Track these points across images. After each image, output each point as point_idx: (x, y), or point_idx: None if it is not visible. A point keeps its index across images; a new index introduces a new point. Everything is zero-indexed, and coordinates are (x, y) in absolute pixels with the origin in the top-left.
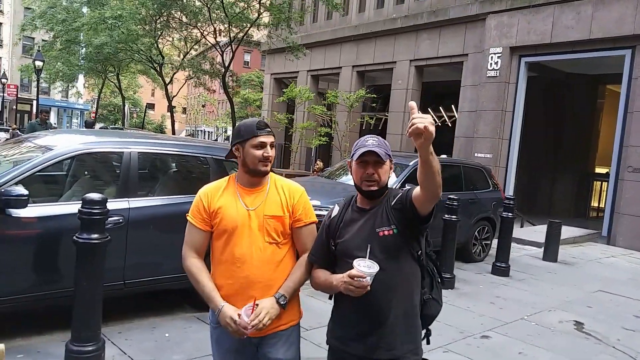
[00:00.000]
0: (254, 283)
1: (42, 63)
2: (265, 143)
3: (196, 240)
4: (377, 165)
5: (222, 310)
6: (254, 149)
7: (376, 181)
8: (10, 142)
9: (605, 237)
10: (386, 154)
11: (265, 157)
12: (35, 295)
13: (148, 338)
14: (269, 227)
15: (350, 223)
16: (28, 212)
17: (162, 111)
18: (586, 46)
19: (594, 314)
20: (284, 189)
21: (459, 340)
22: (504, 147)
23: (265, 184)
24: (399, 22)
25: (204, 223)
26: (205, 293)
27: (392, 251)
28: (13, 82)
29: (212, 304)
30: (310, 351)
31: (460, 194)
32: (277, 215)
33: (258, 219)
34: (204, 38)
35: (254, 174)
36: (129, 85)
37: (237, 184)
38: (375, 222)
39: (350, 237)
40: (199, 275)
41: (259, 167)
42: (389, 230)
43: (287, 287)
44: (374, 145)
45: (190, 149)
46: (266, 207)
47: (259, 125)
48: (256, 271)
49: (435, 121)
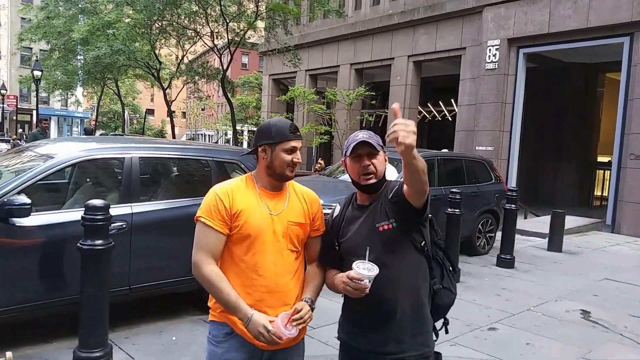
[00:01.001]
0: (274, 293)
1: (40, 73)
2: (297, 148)
3: (213, 244)
4: (371, 157)
5: (253, 319)
6: (284, 153)
7: (373, 173)
8: (12, 152)
9: (610, 226)
10: (379, 144)
11: (294, 163)
12: (41, 304)
13: (155, 342)
14: (292, 235)
15: (351, 221)
16: (31, 221)
17: (162, 116)
18: (584, 35)
19: (600, 302)
20: (304, 196)
21: (467, 333)
22: (505, 139)
23: (286, 189)
24: (396, 18)
25: (224, 225)
26: (231, 302)
27: (394, 245)
28: (12, 92)
29: (240, 313)
30: (318, 349)
31: (462, 187)
32: (301, 222)
33: (282, 225)
34: (201, 40)
35: (279, 178)
36: (127, 91)
37: (258, 186)
38: (374, 218)
39: (352, 236)
40: (221, 283)
41: (286, 171)
42: (388, 225)
43: (312, 293)
44: (365, 137)
45: (191, 152)
46: (290, 213)
47: (291, 129)
48: (279, 280)
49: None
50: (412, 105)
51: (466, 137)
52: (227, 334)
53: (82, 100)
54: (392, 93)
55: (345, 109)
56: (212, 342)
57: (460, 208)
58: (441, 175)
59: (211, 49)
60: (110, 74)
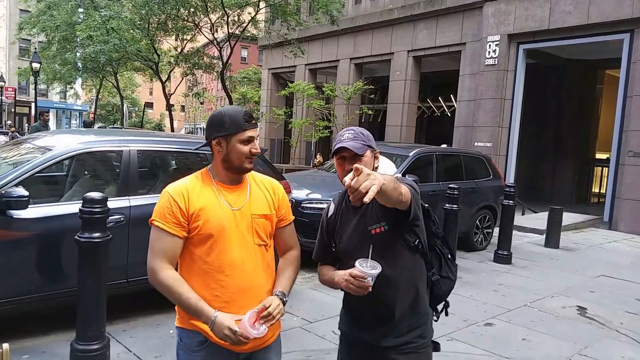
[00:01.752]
0: (246, 292)
1: (39, 65)
2: (253, 137)
3: (169, 248)
4: (354, 160)
5: (217, 321)
6: (241, 144)
7: None
8: (10, 144)
9: (607, 223)
10: (364, 146)
11: (252, 154)
12: (39, 296)
13: (153, 335)
14: (258, 228)
15: (346, 222)
16: (29, 213)
17: (160, 110)
18: (585, 31)
19: (596, 299)
20: (265, 185)
21: (463, 329)
22: (504, 136)
23: (246, 181)
24: (396, 13)
25: (180, 228)
26: (192, 306)
27: (388, 248)
28: (11, 84)
29: (203, 316)
30: (314, 343)
31: (460, 183)
32: (266, 214)
33: (245, 220)
34: (200, 32)
35: (237, 171)
36: (126, 85)
37: (215, 181)
38: (366, 220)
39: (347, 238)
40: (180, 287)
41: (245, 164)
42: (380, 227)
43: (284, 285)
44: (349, 139)
45: (189, 145)
46: (252, 205)
47: (246, 118)
48: (249, 278)
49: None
50: (412, 101)
51: (465, 132)
52: (201, 342)
53: (81, 93)
54: (391, 88)
55: (344, 104)
56: (186, 351)
57: (458, 204)
58: (439, 170)
59: (210, 42)
60: (110, 67)
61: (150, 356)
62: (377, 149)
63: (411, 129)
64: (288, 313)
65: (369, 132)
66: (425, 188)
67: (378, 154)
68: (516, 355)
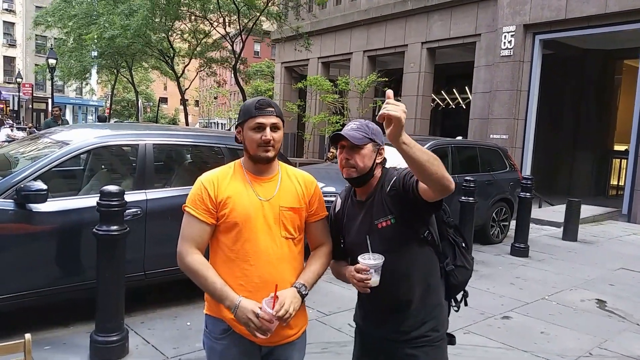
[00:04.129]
0: (269, 283)
1: (55, 61)
2: (264, 125)
3: (198, 234)
4: (353, 150)
5: (241, 305)
6: (252, 132)
7: (354, 167)
8: (28, 139)
9: (626, 215)
10: (365, 137)
11: (265, 141)
12: (58, 289)
13: (170, 327)
14: (285, 220)
15: (352, 218)
16: (48, 207)
17: (175, 105)
18: (602, 20)
19: (616, 292)
20: (298, 178)
21: (480, 322)
22: (520, 128)
23: (277, 172)
24: (410, 4)
25: (209, 215)
26: (217, 290)
27: (395, 242)
28: (28, 81)
29: (227, 301)
30: (331, 336)
31: (476, 175)
32: (295, 207)
33: (273, 211)
34: (214, 29)
35: (256, 160)
36: (141, 80)
37: (246, 170)
38: (373, 214)
39: (354, 234)
40: (206, 271)
41: (258, 152)
42: (387, 221)
43: (307, 277)
44: (351, 129)
45: (204, 139)
46: (281, 197)
47: (258, 105)
48: (272, 270)
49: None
50: (426, 93)
51: (480, 125)
52: (225, 331)
53: (97, 88)
54: (405, 80)
55: (358, 97)
56: (210, 338)
57: (474, 196)
58: (455, 163)
59: (223, 37)
60: (124, 61)
61: (168, 348)
62: (383, 145)
63: (425, 121)
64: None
65: (378, 127)
66: None
67: (383, 150)
68: (534, 348)
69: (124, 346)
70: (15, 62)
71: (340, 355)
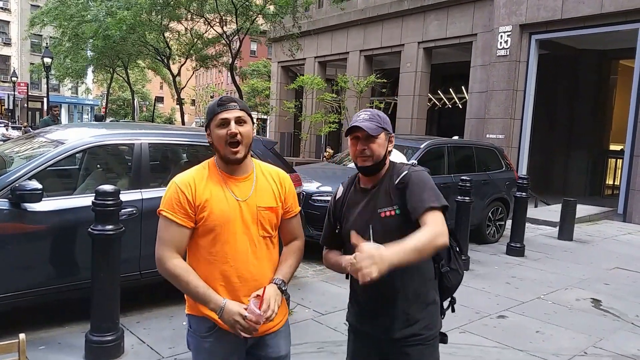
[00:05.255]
0: (248, 282)
1: (50, 60)
2: (228, 119)
3: (177, 238)
4: (368, 140)
5: (226, 308)
6: (217, 129)
7: (370, 156)
8: (23, 138)
9: (621, 215)
10: (379, 127)
11: (231, 135)
12: (53, 288)
13: (166, 327)
14: (263, 220)
15: (353, 205)
16: (43, 206)
17: (171, 104)
18: (598, 21)
19: (611, 291)
20: (272, 176)
21: (476, 321)
22: (516, 127)
23: (251, 171)
24: (406, 4)
25: (188, 219)
26: (200, 294)
27: (395, 232)
28: (23, 80)
29: (211, 303)
30: (326, 335)
31: (472, 175)
32: (272, 206)
33: (250, 211)
34: (212, 28)
35: (226, 160)
36: (137, 79)
37: (220, 170)
38: (377, 202)
39: (353, 220)
40: (187, 276)
41: (226, 153)
42: (391, 211)
43: (284, 272)
44: (364, 119)
45: (200, 138)
46: (258, 197)
47: (220, 102)
48: (252, 269)
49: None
50: (422, 93)
51: (477, 124)
52: (211, 328)
53: (92, 87)
54: (401, 80)
55: (355, 97)
56: (195, 337)
57: (470, 196)
58: (451, 162)
59: (220, 36)
60: (120, 61)
61: (163, 347)
62: (393, 134)
63: (422, 121)
64: (300, 305)
65: (385, 115)
66: (437, 180)
67: (393, 138)
68: (530, 347)
69: (119, 346)
70: (10, 61)
71: (336, 354)
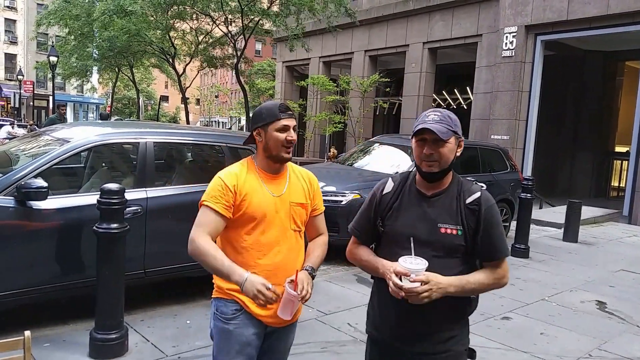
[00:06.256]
0: (280, 269)
1: (56, 58)
2: (289, 126)
3: (213, 225)
4: (436, 144)
5: (249, 279)
6: (277, 133)
7: (436, 161)
8: (28, 136)
9: (627, 217)
10: (449, 131)
11: (288, 141)
12: (58, 286)
13: (170, 325)
14: (295, 215)
15: (407, 207)
16: (48, 204)
17: (176, 103)
18: (604, 22)
19: (616, 294)
20: (303, 176)
21: (480, 322)
22: (521, 128)
23: (286, 170)
24: (411, 4)
25: (227, 209)
26: (225, 267)
27: (451, 251)
28: (29, 78)
29: (235, 275)
30: (330, 335)
31: (477, 176)
32: (303, 202)
33: (284, 206)
34: (217, 27)
35: (276, 159)
36: (142, 78)
37: (259, 168)
38: (438, 215)
39: (404, 223)
40: (215, 252)
41: (281, 152)
42: (453, 230)
43: (314, 261)
44: (434, 121)
45: (205, 137)
46: (291, 194)
47: (281, 108)
48: (283, 259)
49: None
50: (427, 93)
51: (482, 125)
52: (237, 310)
53: (98, 86)
54: (406, 80)
55: (359, 97)
56: (220, 319)
57: None
58: (456, 163)
59: (225, 35)
60: (125, 60)
61: (167, 346)
62: (462, 138)
63: None
64: (303, 305)
65: (457, 117)
66: None
67: (462, 142)
68: (534, 349)
69: (123, 344)
70: (16, 60)
71: (339, 354)
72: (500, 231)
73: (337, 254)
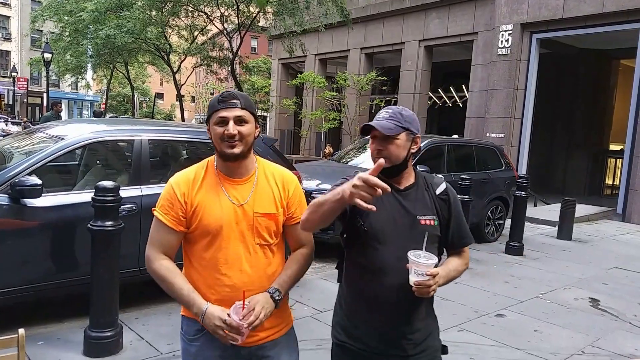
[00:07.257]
0: (241, 291)
1: (50, 55)
2: (227, 118)
3: (166, 241)
4: (385, 141)
5: (208, 312)
6: (215, 127)
7: (386, 158)
8: (23, 133)
9: (620, 215)
10: (398, 127)
11: (227, 136)
12: (53, 284)
13: (165, 323)
14: (259, 227)
15: (383, 201)
16: (42, 202)
17: (171, 100)
18: (599, 20)
19: (609, 291)
20: (276, 178)
21: (474, 320)
22: (516, 126)
23: (253, 172)
24: (407, 2)
25: (178, 222)
26: (185, 296)
27: (431, 242)
28: (23, 75)
29: (194, 307)
30: (326, 332)
31: (472, 174)
32: (270, 212)
33: (246, 217)
34: (212, 23)
35: (223, 157)
36: (137, 75)
37: (218, 171)
38: (415, 208)
39: (386, 220)
40: (172, 277)
41: (223, 148)
42: (431, 221)
43: (282, 281)
44: (383, 118)
45: (200, 135)
46: (256, 202)
47: (221, 97)
48: (245, 279)
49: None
50: (423, 91)
51: (477, 123)
52: (198, 331)
53: (92, 83)
54: (402, 78)
55: (356, 95)
56: (184, 339)
57: (470, 194)
58: (451, 161)
59: (221, 32)
60: (120, 57)
61: (162, 343)
62: (418, 133)
63: (422, 119)
64: (298, 302)
65: (413, 114)
66: None
67: (418, 139)
68: (527, 346)
69: (118, 342)
70: (10, 56)
71: None
72: (464, 219)
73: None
